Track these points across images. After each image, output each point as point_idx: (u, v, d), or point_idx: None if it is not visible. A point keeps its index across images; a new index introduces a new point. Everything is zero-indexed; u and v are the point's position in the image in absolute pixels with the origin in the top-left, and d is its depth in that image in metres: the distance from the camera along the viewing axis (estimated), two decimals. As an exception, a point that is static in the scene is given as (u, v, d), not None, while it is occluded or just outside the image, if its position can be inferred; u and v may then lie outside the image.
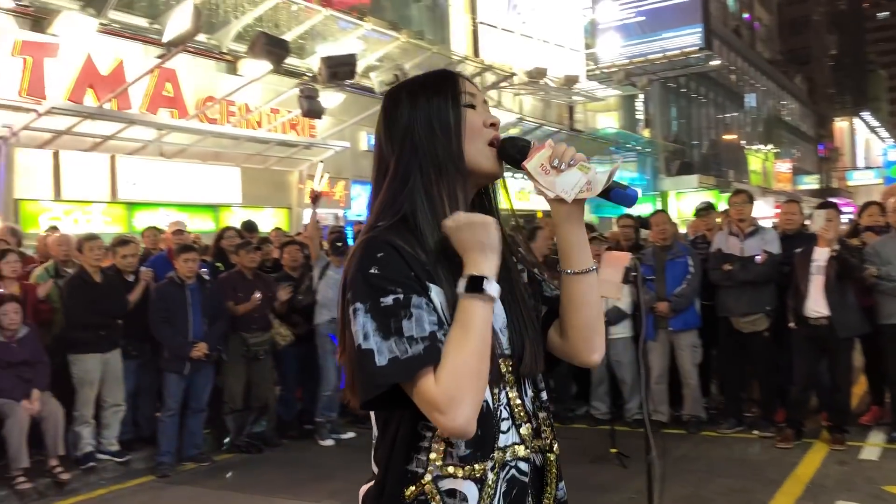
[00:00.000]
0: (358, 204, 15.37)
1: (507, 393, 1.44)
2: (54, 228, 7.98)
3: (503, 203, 1.60)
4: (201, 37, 13.00)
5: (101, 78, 11.16)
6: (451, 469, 1.35)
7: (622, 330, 6.86)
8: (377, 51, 15.12)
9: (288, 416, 7.28)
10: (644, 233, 7.63)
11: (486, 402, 1.37)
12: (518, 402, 1.45)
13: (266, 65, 11.54)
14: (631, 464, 5.61)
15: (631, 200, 1.45)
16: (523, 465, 1.44)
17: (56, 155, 10.50)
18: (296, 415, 7.36)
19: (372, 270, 1.34)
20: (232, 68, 13.33)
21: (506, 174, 1.57)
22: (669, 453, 5.97)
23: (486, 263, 1.37)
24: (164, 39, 9.81)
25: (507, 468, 1.42)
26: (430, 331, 1.31)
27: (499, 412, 1.41)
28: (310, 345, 7.06)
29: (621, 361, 6.90)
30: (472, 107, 1.51)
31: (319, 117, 12.17)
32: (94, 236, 6.31)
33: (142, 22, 11.94)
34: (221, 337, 6.47)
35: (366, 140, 15.61)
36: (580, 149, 1.48)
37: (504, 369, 1.43)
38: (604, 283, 5.61)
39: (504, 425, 1.42)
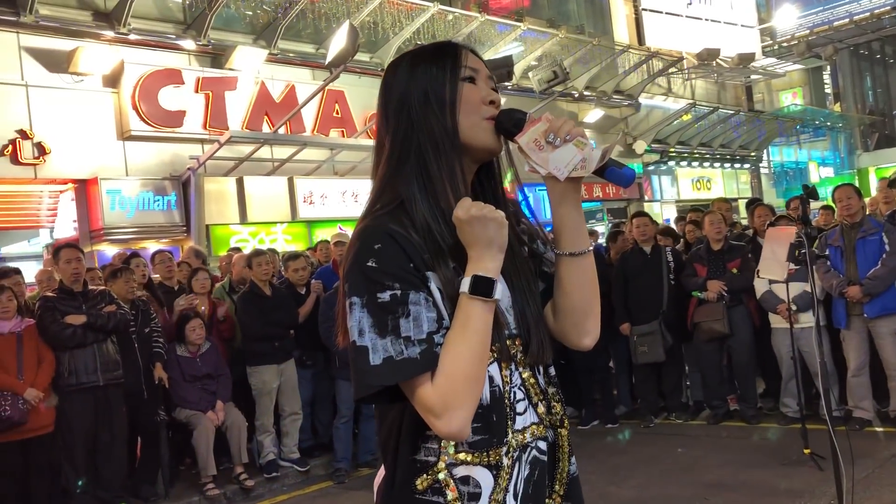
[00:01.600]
0: (525, 207, 15.25)
1: (520, 373, 1.41)
2: (237, 249, 8.49)
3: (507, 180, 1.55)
4: (364, 56, 13.52)
5: (275, 105, 11.83)
6: (463, 456, 1.32)
7: (812, 318, 6.25)
8: (536, 50, 14.98)
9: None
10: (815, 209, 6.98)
11: (497, 386, 1.35)
12: (532, 380, 1.43)
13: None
14: (828, 466, 5.08)
15: (627, 179, 1.38)
16: (542, 444, 1.42)
17: (240, 181, 11.22)
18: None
19: (369, 263, 1.30)
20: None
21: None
22: (875, 455, 5.39)
23: (492, 262, 1.32)
24: (327, 62, 10.20)
25: (529, 450, 1.39)
26: (428, 331, 1.28)
27: (513, 394, 1.38)
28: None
29: (812, 353, 6.28)
30: (472, 80, 1.44)
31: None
32: (261, 252, 6.63)
33: (308, 48, 12.55)
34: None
35: (530, 141, 15.48)
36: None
37: (515, 350, 1.40)
38: (766, 261, 5.14)
39: (520, 406, 1.39)
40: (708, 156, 19.80)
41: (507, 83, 12.13)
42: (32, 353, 5.21)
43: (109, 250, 10.00)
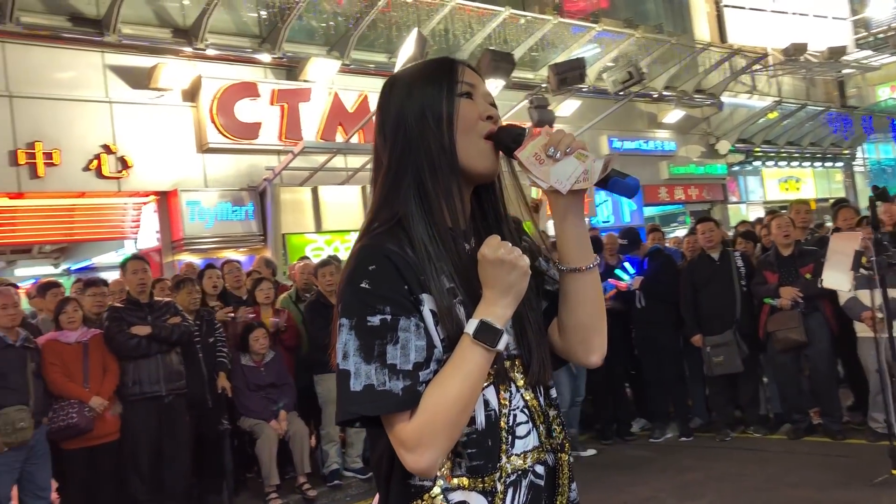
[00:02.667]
0: (603, 210, 14.97)
1: (521, 395, 1.38)
2: (306, 258, 8.58)
3: (509, 193, 1.51)
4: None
5: (348, 114, 11.95)
6: (458, 481, 1.30)
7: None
8: (612, 51, 14.68)
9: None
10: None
11: (494, 410, 1.32)
12: (535, 402, 1.40)
13: (499, 81, 11.67)
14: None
15: (632, 190, 1.37)
16: (539, 469, 1.39)
17: (315, 190, 11.37)
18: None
19: (363, 284, 1.28)
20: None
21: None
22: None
23: (505, 310, 1.30)
24: (396, 69, 10.22)
25: (527, 474, 1.36)
26: (415, 362, 1.25)
27: (513, 417, 1.35)
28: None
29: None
30: (470, 96, 1.41)
31: (551, 125, 11.92)
32: (328, 262, 6.65)
33: (381, 58, 12.63)
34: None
35: (607, 144, 15.18)
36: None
37: (515, 371, 1.38)
38: (830, 269, 4.80)
39: (522, 430, 1.36)
40: (796, 155, 18.97)
41: (580, 85, 11.88)
42: (98, 362, 5.36)
43: (190, 260, 10.27)
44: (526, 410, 1.38)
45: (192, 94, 10.88)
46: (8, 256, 13.16)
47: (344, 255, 9.89)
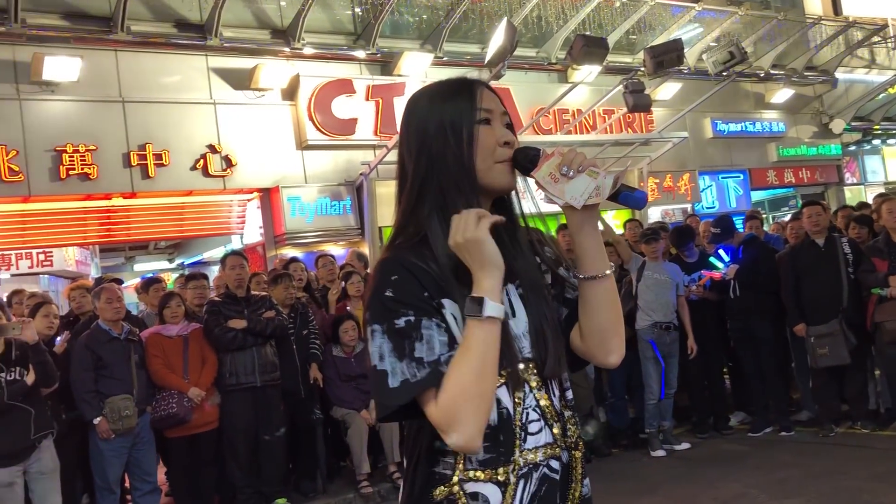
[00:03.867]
0: (707, 196, 14.48)
1: (534, 395, 1.47)
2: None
3: (527, 206, 1.61)
4: (530, 51, 13.42)
5: (442, 107, 12.00)
6: (472, 473, 1.41)
7: None
8: (715, 30, 14.16)
9: (619, 424, 7.02)
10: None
11: (506, 408, 1.43)
12: (547, 402, 1.49)
13: (593, 67, 11.49)
14: None
15: (640, 202, 1.46)
16: (555, 464, 1.48)
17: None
18: (628, 423, 7.06)
19: (387, 293, 1.40)
20: (563, 77, 13.49)
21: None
22: None
23: (486, 280, 1.38)
24: (486, 60, 10.20)
25: (539, 468, 1.45)
26: (439, 353, 1.37)
27: (525, 415, 1.45)
28: (636, 350, 6.72)
29: None
30: (488, 122, 1.50)
31: (647, 110, 11.71)
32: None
33: (474, 48, 12.61)
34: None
35: (710, 126, 14.67)
36: None
37: (528, 374, 1.47)
38: None
39: (534, 427, 1.46)
40: (923, 131, 17.73)
41: (678, 68, 11.51)
42: (197, 354, 5.63)
43: (292, 254, 10.61)
44: (538, 410, 1.48)
45: (290, 93, 11.21)
46: (127, 252, 13.98)
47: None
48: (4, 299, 6.88)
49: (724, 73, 12.40)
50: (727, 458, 6.19)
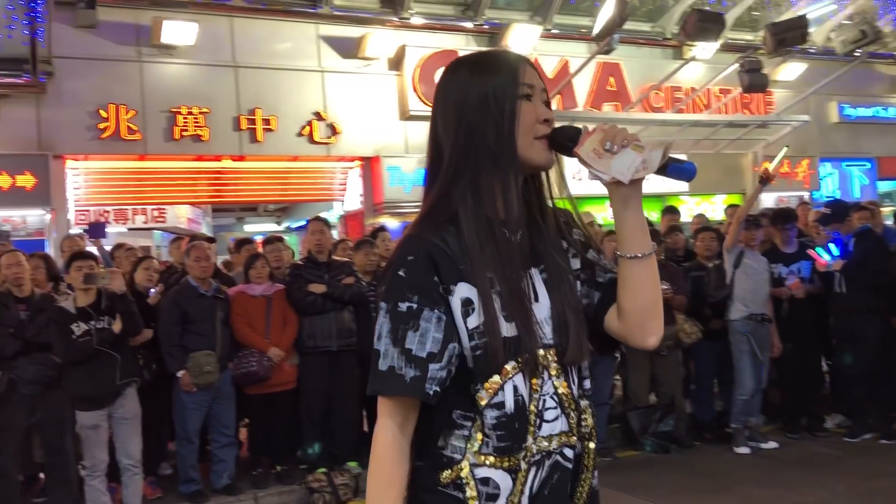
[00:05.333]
0: (828, 184, 13.66)
1: (553, 382, 1.45)
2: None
3: (556, 190, 1.56)
4: (644, 25, 12.96)
5: (548, 80, 11.73)
6: (485, 458, 1.39)
7: None
8: (849, 7, 13.22)
9: (704, 417, 6.74)
10: None
11: (521, 395, 1.40)
12: (565, 390, 1.46)
13: (708, 44, 10.99)
14: None
15: (689, 174, 1.43)
16: (568, 452, 1.46)
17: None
18: (714, 416, 6.78)
19: (400, 272, 1.41)
20: (678, 54, 12.97)
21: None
22: None
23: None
24: (594, 33, 9.92)
25: (552, 455, 1.44)
26: (429, 352, 1.36)
27: (542, 402, 1.43)
28: (727, 341, 6.43)
29: None
30: (529, 98, 1.47)
31: (763, 91, 11.10)
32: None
33: (585, 21, 12.27)
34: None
35: (836, 111, 13.79)
36: None
37: (549, 360, 1.44)
38: None
39: (550, 414, 1.44)
40: None
41: (802, 46, 10.85)
42: (279, 315, 5.77)
43: (390, 223, 10.73)
44: (555, 397, 1.45)
45: (396, 63, 11.27)
46: (238, 214, 14.51)
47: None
48: (109, 251, 7.28)
49: (856, 54, 11.63)
50: (816, 462, 5.84)
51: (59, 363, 5.06)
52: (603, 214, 12.05)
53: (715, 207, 12.86)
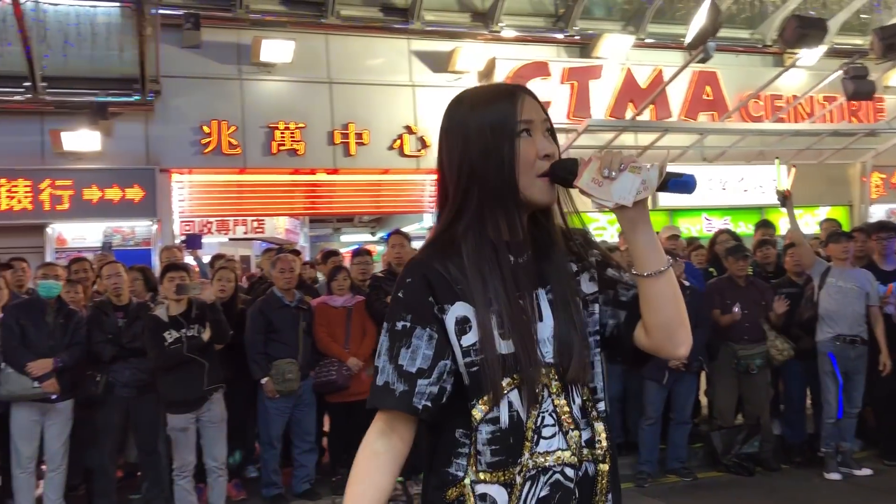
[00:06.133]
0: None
1: (552, 400, 1.46)
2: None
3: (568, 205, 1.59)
4: (743, 32, 12.60)
5: (641, 91, 11.62)
6: (481, 475, 1.44)
7: None
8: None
9: (794, 439, 6.49)
10: None
11: (517, 411, 1.43)
12: (566, 409, 1.47)
13: (810, 51, 10.58)
14: None
15: (690, 186, 1.42)
16: (569, 472, 1.46)
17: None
18: (805, 439, 6.51)
19: (399, 294, 1.49)
20: (780, 61, 12.53)
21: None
22: None
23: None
24: (686, 42, 9.71)
25: (551, 473, 1.44)
26: (419, 367, 1.43)
27: (541, 419, 1.45)
28: (816, 362, 6.17)
29: None
30: (529, 133, 1.49)
31: (869, 98, 10.55)
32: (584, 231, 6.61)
33: (680, 30, 12.00)
34: (703, 346, 6.12)
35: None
36: None
37: (549, 378, 1.46)
38: None
39: (547, 431, 1.45)
40: None
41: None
42: (359, 325, 5.92)
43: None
44: (554, 415, 1.46)
45: (486, 76, 11.34)
46: (334, 224, 14.91)
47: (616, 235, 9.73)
48: (206, 261, 7.66)
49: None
50: (914, 493, 5.54)
51: (151, 368, 5.36)
52: (698, 227, 11.81)
53: (819, 220, 12.31)
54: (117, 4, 9.30)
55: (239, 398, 5.78)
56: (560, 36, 11.72)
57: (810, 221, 12.04)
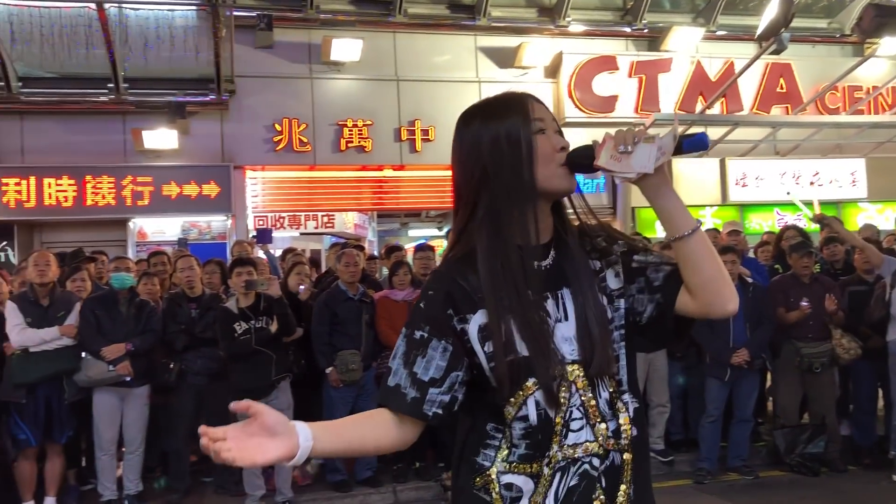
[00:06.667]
0: None
1: (580, 395, 1.53)
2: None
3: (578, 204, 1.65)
4: (821, 22, 12.26)
5: (711, 83, 11.43)
6: (511, 466, 1.53)
7: None
8: None
9: (863, 441, 6.34)
10: None
11: (544, 409, 1.50)
12: (592, 402, 1.53)
13: (890, 39, 10.22)
14: None
15: (704, 143, 1.52)
16: (596, 462, 1.53)
17: (669, 162, 11.11)
18: (875, 440, 6.35)
19: (420, 304, 1.58)
20: (859, 51, 12.14)
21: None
22: None
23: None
24: (757, 34, 9.52)
25: (580, 464, 1.52)
26: (431, 377, 1.52)
27: (569, 413, 1.52)
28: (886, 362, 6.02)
29: None
30: (542, 131, 1.56)
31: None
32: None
33: (752, 21, 11.75)
34: (766, 344, 6.04)
35: None
36: None
37: (577, 373, 1.53)
38: None
39: (576, 425, 1.52)
40: None
41: None
42: (419, 320, 6.04)
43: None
44: (581, 409, 1.53)
45: (553, 71, 11.37)
46: (402, 219, 15.10)
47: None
48: (277, 254, 7.92)
49: None
50: None
51: (221, 357, 5.62)
52: (769, 222, 11.55)
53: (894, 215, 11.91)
54: (193, 7, 9.66)
55: (305, 387, 6.00)
56: (628, 29, 11.64)
57: (891, 217, 11.65)
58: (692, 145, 1.50)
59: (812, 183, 11.49)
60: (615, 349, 1.59)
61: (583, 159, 1.54)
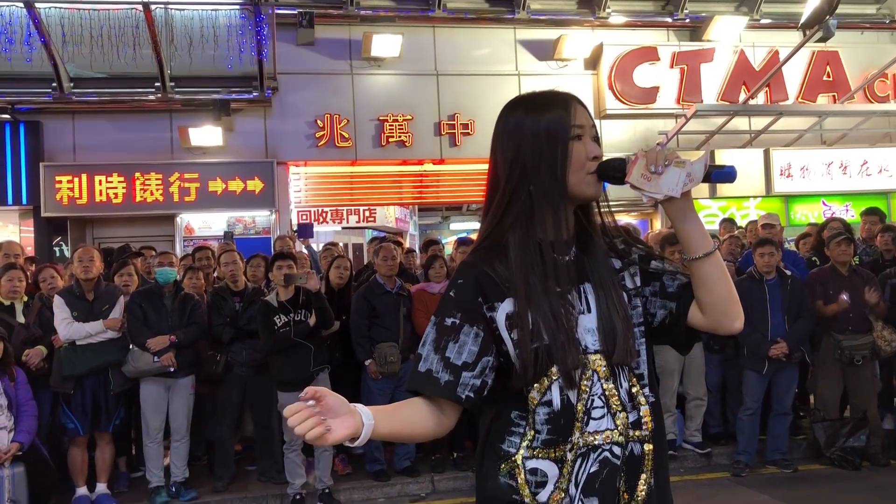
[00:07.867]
0: None
1: (601, 384, 1.58)
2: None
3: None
4: (869, 8, 12.00)
5: (755, 73, 11.28)
6: (535, 451, 1.58)
7: None
8: None
9: (907, 435, 6.25)
10: None
11: (567, 395, 1.56)
12: (613, 392, 1.59)
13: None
14: None
15: (731, 176, 1.54)
16: (617, 450, 1.58)
17: (711, 154, 11.03)
18: (919, 435, 6.26)
19: (450, 293, 1.64)
20: (912, 36, 11.87)
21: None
22: None
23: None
24: (801, 22, 9.36)
25: (600, 451, 1.57)
26: (464, 361, 1.57)
27: (591, 401, 1.57)
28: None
29: None
30: (580, 138, 1.61)
31: None
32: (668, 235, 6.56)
33: (796, 9, 11.54)
34: (805, 337, 5.98)
35: None
36: None
37: (599, 363, 1.58)
38: None
39: (597, 413, 1.58)
40: None
41: None
42: (455, 312, 6.12)
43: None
44: (602, 398, 1.58)
45: (593, 63, 11.33)
46: (443, 213, 15.20)
47: (740, 223, 9.52)
48: (318, 249, 8.07)
49: None
50: None
51: (263, 349, 5.77)
52: (816, 213, 11.36)
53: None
54: (237, 6, 9.86)
55: (345, 379, 6.13)
56: (669, 19, 11.54)
57: (941, 206, 11.38)
58: (720, 177, 1.54)
59: (860, 172, 11.28)
60: (637, 344, 1.65)
61: (613, 171, 1.59)
